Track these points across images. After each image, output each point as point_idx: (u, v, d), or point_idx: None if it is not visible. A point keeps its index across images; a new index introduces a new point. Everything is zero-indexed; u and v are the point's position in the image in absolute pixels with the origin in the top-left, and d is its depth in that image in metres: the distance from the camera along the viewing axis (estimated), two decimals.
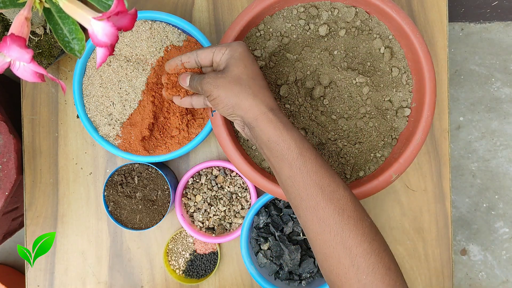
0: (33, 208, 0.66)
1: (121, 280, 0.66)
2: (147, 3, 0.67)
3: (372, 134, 0.56)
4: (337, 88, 0.56)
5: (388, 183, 0.53)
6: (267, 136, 0.44)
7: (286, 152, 0.43)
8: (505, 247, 1.32)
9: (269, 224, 0.62)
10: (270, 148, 0.44)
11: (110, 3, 0.40)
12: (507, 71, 1.33)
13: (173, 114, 0.59)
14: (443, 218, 0.66)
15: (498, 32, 1.34)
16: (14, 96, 0.83)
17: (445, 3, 0.67)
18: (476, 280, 1.31)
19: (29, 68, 0.38)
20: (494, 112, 1.33)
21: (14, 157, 0.61)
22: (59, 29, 0.40)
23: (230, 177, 0.65)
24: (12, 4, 0.39)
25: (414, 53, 0.54)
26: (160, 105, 0.59)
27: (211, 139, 0.67)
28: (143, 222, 0.62)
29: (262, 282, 0.60)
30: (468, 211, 1.33)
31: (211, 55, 0.49)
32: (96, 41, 0.36)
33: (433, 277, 0.66)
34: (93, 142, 0.67)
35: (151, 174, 0.62)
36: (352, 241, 0.42)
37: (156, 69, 0.59)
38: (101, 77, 0.59)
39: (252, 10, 0.54)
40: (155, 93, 0.59)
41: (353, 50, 0.57)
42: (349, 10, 0.57)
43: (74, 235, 0.67)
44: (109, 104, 0.59)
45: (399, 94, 0.57)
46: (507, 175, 1.32)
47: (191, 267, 0.66)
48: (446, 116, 0.66)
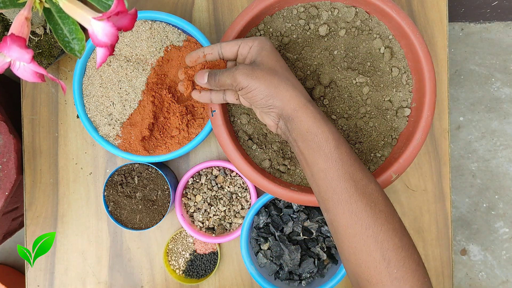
0: (33, 208, 0.66)
1: (121, 280, 0.66)
2: (147, 3, 0.67)
3: (372, 134, 0.56)
4: (337, 88, 0.56)
5: (388, 183, 0.53)
6: (307, 127, 0.44)
7: (323, 144, 0.44)
8: (505, 247, 1.32)
9: (269, 224, 0.62)
10: (307, 140, 0.44)
11: (110, 3, 0.40)
12: (507, 71, 1.33)
13: (173, 114, 0.59)
14: (443, 218, 0.66)
15: (498, 32, 1.34)
16: (14, 96, 0.83)
17: (445, 3, 0.67)
18: (476, 280, 1.31)
19: (29, 68, 0.38)
20: (494, 112, 1.33)
21: (14, 157, 0.61)
22: (59, 29, 0.40)
23: (230, 177, 0.65)
24: (12, 4, 0.39)
25: (414, 53, 0.54)
26: (160, 105, 0.59)
27: (211, 139, 0.67)
28: (143, 222, 0.62)
29: (262, 282, 0.60)
30: (468, 211, 1.33)
31: (236, 47, 0.48)
32: (96, 41, 0.36)
33: (433, 277, 0.66)
34: (93, 142, 0.67)
35: (151, 174, 0.62)
36: (383, 235, 0.42)
37: (156, 69, 0.59)
38: (101, 77, 0.59)
39: (252, 10, 0.54)
40: (155, 93, 0.59)
41: (353, 50, 0.57)
42: (349, 10, 0.57)
43: (74, 235, 0.67)
44: (109, 104, 0.59)
45: (399, 94, 0.57)
46: (507, 175, 1.32)
47: (191, 267, 0.66)
48: (446, 116, 0.66)
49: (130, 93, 0.59)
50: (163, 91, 0.59)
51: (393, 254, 0.42)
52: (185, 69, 0.51)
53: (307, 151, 0.45)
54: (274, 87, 0.45)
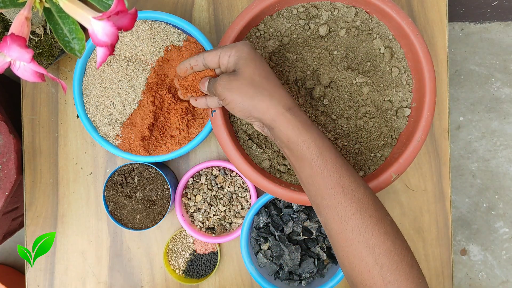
0: (33, 208, 0.66)
1: (121, 280, 0.66)
2: (147, 3, 0.67)
3: (372, 134, 0.56)
4: (337, 88, 0.56)
5: (388, 183, 0.53)
6: (286, 136, 0.44)
7: (306, 152, 0.44)
8: (505, 247, 1.32)
9: (269, 224, 0.62)
10: (290, 148, 0.45)
11: (110, 3, 0.40)
12: (507, 71, 1.33)
13: (173, 114, 0.59)
14: (443, 218, 0.66)
15: (498, 32, 1.34)
16: (14, 96, 0.83)
17: (445, 3, 0.67)
18: (476, 280, 1.31)
19: (29, 68, 0.38)
20: (494, 112, 1.33)
21: (14, 157, 0.61)
22: (59, 29, 0.40)
23: (230, 177, 0.65)
24: (12, 4, 0.39)
25: (414, 53, 0.54)
26: (160, 105, 0.59)
27: (211, 139, 0.67)
28: (143, 222, 0.62)
29: (262, 282, 0.60)
30: (468, 211, 1.33)
31: (217, 58, 0.48)
32: (96, 41, 0.36)
33: (433, 277, 0.66)
34: (93, 142, 0.67)
35: (151, 174, 0.62)
36: (375, 240, 0.42)
37: (156, 69, 0.59)
38: (101, 77, 0.59)
39: (252, 10, 0.54)
40: (155, 93, 0.59)
41: (353, 50, 0.57)
42: (349, 10, 0.57)
43: (74, 235, 0.67)
44: (109, 104, 0.59)
45: (399, 94, 0.57)
46: (507, 175, 1.32)
47: (191, 267, 0.66)
48: (446, 116, 0.66)
49: (130, 93, 0.59)
50: (163, 91, 0.59)
51: (386, 259, 0.42)
52: (178, 80, 0.52)
53: (293, 158, 0.45)
54: (250, 99, 0.45)
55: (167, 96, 0.59)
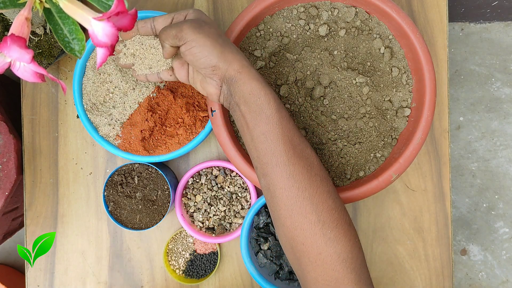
0: (33, 208, 0.66)
1: (121, 280, 0.66)
2: (147, 3, 0.67)
3: (372, 134, 0.56)
4: (337, 88, 0.56)
5: (388, 183, 0.53)
6: (250, 88, 0.44)
7: (265, 106, 0.44)
8: (505, 247, 1.32)
9: (269, 224, 0.62)
10: (250, 102, 0.45)
11: (110, 3, 0.40)
12: (507, 71, 1.33)
13: (173, 114, 0.59)
14: (443, 218, 0.66)
15: (498, 32, 1.34)
16: (14, 96, 0.83)
17: (445, 3, 0.67)
18: (476, 280, 1.31)
19: (29, 68, 0.38)
20: (494, 112, 1.33)
21: (14, 157, 0.61)
22: (59, 29, 0.40)
23: (230, 177, 0.65)
24: (12, 4, 0.39)
25: (414, 53, 0.54)
26: (161, 105, 0.59)
27: (211, 139, 0.67)
28: (143, 222, 0.62)
29: (262, 282, 0.60)
30: (468, 211, 1.33)
31: (170, 19, 0.47)
32: (96, 41, 0.36)
33: (433, 277, 0.66)
34: (93, 142, 0.67)
35: (151, 174, 0.62)
36: (319, 197, 0.44)
37: None
38: (101, 77, 0.59)
39: (252, 10, 0.54)
40: (155, 93, 0.59)
41: (353, 50, 0.57)
42: (349, 10, 0.57)
43: (74, 235, 0.67)
44: (109, 104, 0.59)
45: (399, 94, 0.57)
46: (507, 175, 1.32)
47: (191, 267, 0.66)
48: (446, 116, 0.66)
49: (130, 93, 0.59)
50: (163, 91, 0.59)
51: (328, 216, 0.43)
52: None
53: (249, 115, 0.45)
54: (220, 46, 0.45)
55: (167, 96, 0.59)
